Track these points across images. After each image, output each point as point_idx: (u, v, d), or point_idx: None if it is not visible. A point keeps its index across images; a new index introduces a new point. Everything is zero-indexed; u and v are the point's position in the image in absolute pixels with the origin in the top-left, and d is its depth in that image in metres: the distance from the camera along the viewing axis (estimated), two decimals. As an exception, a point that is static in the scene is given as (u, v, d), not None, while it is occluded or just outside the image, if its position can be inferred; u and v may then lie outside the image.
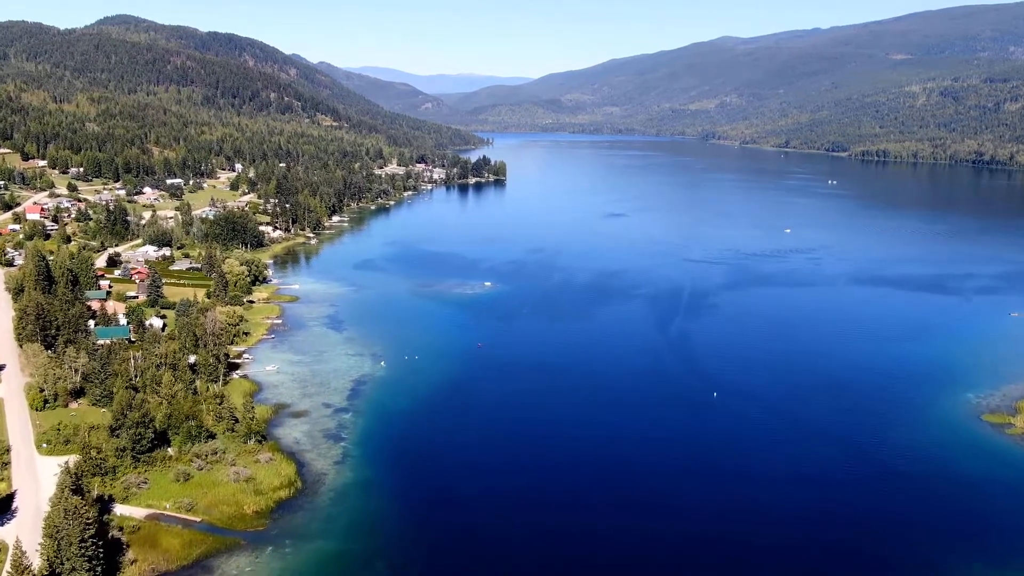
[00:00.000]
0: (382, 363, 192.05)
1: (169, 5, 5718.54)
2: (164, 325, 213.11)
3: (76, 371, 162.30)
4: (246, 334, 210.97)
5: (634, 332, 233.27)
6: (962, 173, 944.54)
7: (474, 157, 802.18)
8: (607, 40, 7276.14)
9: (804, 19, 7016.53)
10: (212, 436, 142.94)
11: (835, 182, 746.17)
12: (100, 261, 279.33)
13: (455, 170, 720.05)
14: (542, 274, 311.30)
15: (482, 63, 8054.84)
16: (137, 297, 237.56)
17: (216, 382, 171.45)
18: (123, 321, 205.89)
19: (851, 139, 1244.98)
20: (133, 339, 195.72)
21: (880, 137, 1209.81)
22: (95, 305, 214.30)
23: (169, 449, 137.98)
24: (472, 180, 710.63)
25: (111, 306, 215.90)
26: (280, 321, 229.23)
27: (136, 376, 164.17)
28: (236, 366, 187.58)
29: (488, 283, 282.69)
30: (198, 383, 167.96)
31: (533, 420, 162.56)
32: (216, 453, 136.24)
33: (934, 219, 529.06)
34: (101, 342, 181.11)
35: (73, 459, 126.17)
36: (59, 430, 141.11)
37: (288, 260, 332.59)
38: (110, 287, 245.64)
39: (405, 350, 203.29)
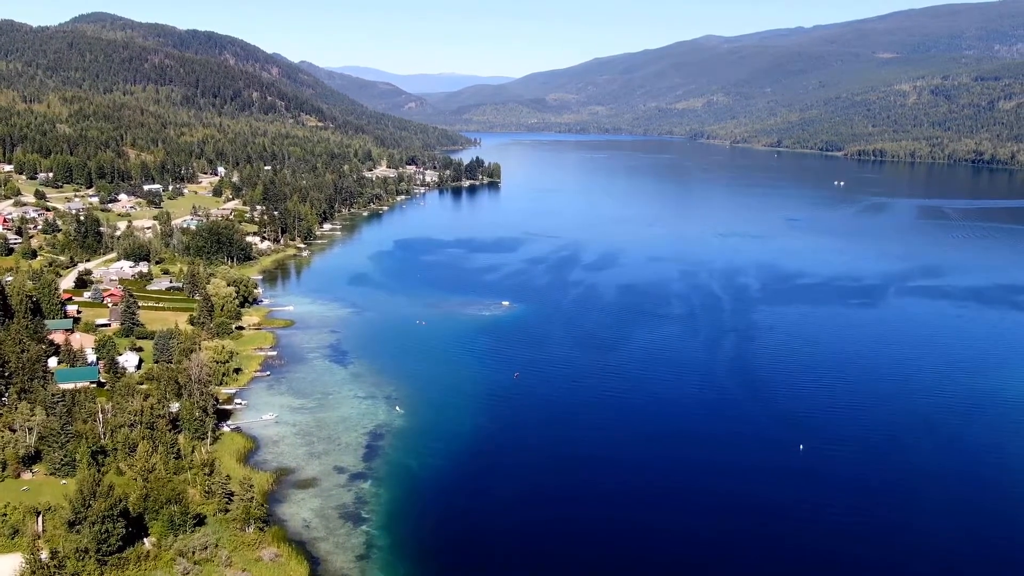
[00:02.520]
0: (398, 408, 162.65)
1: (146, 2, 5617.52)
2: (140, 360, 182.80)
3: (30, 431, 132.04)
4: (237, 371, 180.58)
5: (688, 361, 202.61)
6: (963, 172, 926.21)
7: (464, 158, 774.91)
8: (589, 39, 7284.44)
9: (786, 18, 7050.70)
10: (200, 520, 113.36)
11: (842, 183, 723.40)
12: (68, 280, 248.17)
13: (448, 172, 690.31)
14: (561, 289, 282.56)
15: (463, 62, 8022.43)
16: (109, 325, 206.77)
17: (203, 439, 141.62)
18: (91, 358, 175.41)
19: (844, 138, 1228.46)
20: (103, 381, 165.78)
21: (874, 136, 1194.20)
22: (59, 338, 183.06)
23: (146, 541, 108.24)
24: (466, 183, 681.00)
25: (77, 339, 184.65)
26: (275, 353, 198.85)
27: (105, 435, 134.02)
28: (226, 414, 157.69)
29: (506, 302, 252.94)
30: (181, 440, 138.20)
31: (602, 483, 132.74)
32: (206, 548, 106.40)
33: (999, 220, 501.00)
34: (64, 387, 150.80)
35: (18, 566, 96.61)
36: (5, 515, 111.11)
37: (279, 275, 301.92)
38: (78, 312, 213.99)
39: (423, 389, 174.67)
